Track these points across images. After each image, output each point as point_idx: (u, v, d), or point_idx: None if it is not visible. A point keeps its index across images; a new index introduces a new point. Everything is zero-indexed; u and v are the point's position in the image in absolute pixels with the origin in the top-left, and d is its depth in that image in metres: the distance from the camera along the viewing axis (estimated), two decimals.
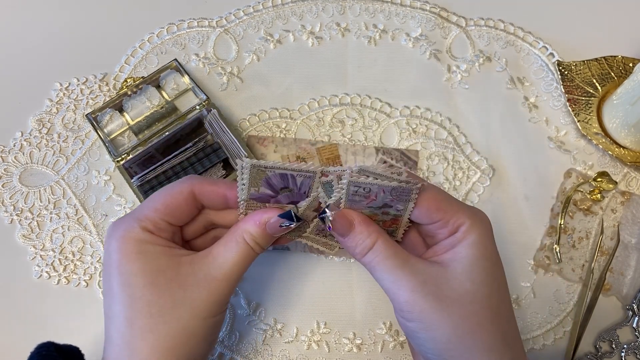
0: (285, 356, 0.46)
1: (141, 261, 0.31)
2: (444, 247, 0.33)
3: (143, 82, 0.52)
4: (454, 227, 0.32)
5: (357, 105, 0.54)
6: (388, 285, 0.32)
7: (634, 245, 0.49)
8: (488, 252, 0.32)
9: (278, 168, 0.31)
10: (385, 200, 0.32)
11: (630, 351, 0.46)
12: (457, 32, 0.57)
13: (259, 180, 0.32)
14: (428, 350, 0.31)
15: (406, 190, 0.32)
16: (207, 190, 0.33)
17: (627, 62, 0.55)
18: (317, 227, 0.36)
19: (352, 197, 0.32)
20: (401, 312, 0.31)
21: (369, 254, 0.32)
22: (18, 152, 0.52)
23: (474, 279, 0.31)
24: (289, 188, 0.33)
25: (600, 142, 0.52)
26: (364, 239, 0.32)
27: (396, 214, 0.34)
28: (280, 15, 0.57)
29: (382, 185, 0.31)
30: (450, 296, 0.30)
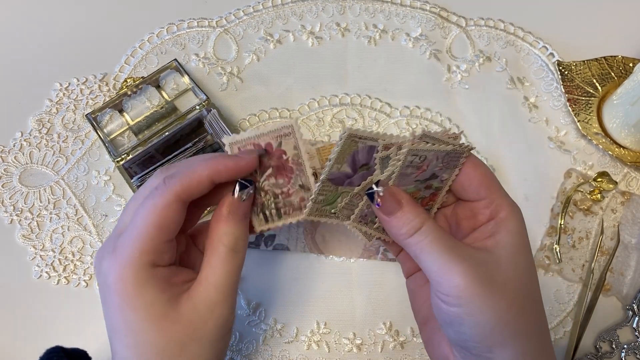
0: (285, 356, 0.46)
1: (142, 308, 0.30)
2: (484, 233, 0.33)
3: (143, 82, 0.52)
4: (496, 210, 0.32)
5: (357, 105, 0.54)
6: (436, 269, 0.30)
7: (634, 245, 0.49)
8: (526, 240, 0.33)
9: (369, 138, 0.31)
10: (434, 169, 0.32)
11: (630, 351, 0.46)
12: (457, 32, 0.57)
13: (346, 155, 0.32)
14: (469, 337, 0.31)
15: (457, 154, 0.32)
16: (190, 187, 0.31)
17: (627, 62, 0.55)
18: (360, 213, 0.35)
19: (405, 169, 0.32)
20: (446, 296, 0.30)
21: (416, 235, 0.31)
22: (18, 152, 0.52)
23: (517, 267, 0.31)
24: (368, 165, 0.33)
25: (600, 142, 0.52)
26: (412, 219, 0.31)
27: (437, 187, 0.34)
28: (280, 15, 0.57)
29: (438, 150, 0.31)
30: (498, 281, 0.30)
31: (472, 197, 0.34)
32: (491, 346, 0.30)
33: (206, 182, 0.31)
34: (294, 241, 0.49)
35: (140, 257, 0.29)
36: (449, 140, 0.32)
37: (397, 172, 0.32)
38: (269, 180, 0.34)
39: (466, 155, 0.33)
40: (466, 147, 0.32)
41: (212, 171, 0.31)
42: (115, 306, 0.30)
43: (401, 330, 0.47)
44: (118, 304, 0.30)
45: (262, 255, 0.49)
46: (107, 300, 0.30)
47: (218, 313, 0.31)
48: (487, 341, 0.30)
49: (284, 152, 0.33)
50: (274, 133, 0.32)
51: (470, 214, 0.34)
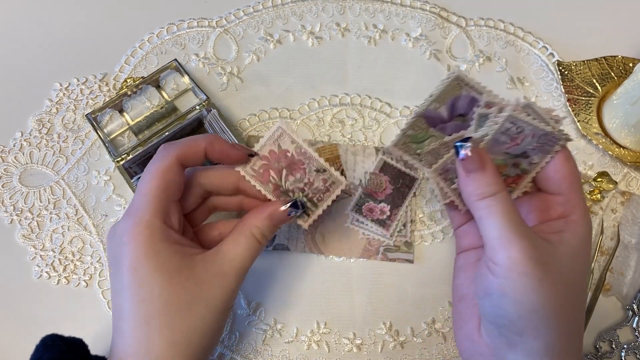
0: (285, 356, 0.46)
1: (157, 261, 0.31)
2: (552, 228, 0.33)
3: (143, 82, 0.52)
4: (569, 210, 0.33)
5: (357, 105, 0.54)
6: (496, 236, 0.30)
7: (634, 245, 0.49)
8: (587, 248, 0.33)
9: (474, 89, 0.31)
10: (527, 147, 0.32)
11: (630, 351, 0.46)
12: (457, 32, 0.57)
13: (448, 97, 0.32)
14: (505, 313, 0.30)
15: (554, 139, 0.31)
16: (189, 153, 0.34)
17: (627, 62, 0.55)
18: (443, 166, 0.34)
19: (499, 135, 0.31)
20: (496, 267, 0.30)
21: (489, 200, 0.31)
22: (18, 152, 0.52)
23: (574, 267, 0.31)
24: (464, 116, 0.32)
25: (600, 142, 0.52)
26: (489, 184, 0.31)
27: (524, 169, 0.33)
28: (280, 15, 0.57)
29: (537, 127, 0.31)
30: (552, 270, 0.30)
31: (552, 190, 0.34)
32: (523, 330, 0.30)
33: (202, 153, 0.34)
34: (294, 241, 0.49)
35: (153, 215, 0.32)
36: (551, 121, 0.31)
37: (491, 135, 0.31)
38: (289, 180, 0.37)
39: (562, 144, 0.32)
40: (565, 134, 0.32)
41: (209, 145, 0.34)
42: (127, 264, 0.31)
43: (401, 330, 0.47)
44: (131, 260, 0.31)
45: (262, 255, 0.49)
46: (119, 261, 0.32)
47: (226, 283, 0.33)
48: (522, 324, 0.30)
49: (287, 151, 0.34)
50: (269, 141, 0.34)
51: (544, 207, 0.34)
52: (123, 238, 0.32)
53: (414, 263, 0.49)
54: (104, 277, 0.48)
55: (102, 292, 0.48)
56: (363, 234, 0.48)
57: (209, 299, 0.32)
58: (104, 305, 0.48)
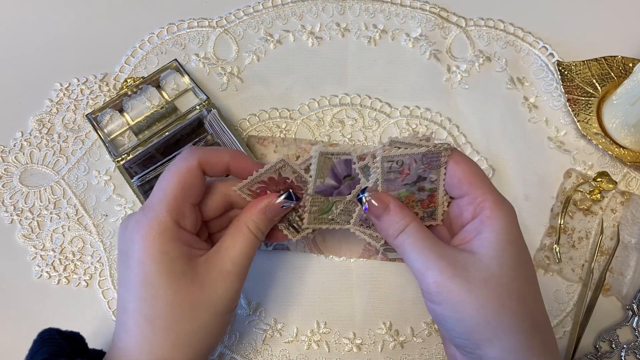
0: (285, 356, 0.46)
1: (164, 262, 0.31)
2: (470, 232, 0.33)
3: (143, 82, 0.52)
4: (479, 207, 0.33)
5: (357, 105, 0.54)
6: (417, 266, 0.32)
7: (633, 245, 0.49)
8: (514, 237, 0.33)
9: (341, 153, 0.33)
10: (418, 171, 0.33)
11: (630, 351, 0.46)
12: (457, 32, 0.57)
13: (325, 170, 0.34)
14: (457, 335, 0.31)
15: (435, 154, 0.33)
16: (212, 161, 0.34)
17: (627, 62, 0.55)
18: (359, 217, 0.37)
19: (387, 175, 0.33)
20: (429, 294, 0.31)
21: (401, 236, 0.33)
22: (18, 152, 0.52)
23: (502, 263, 0.31)
24: (351, 176, 0.34)
25: (600, 142, 0.52)
26: (397, 220, 0.33)
27: (431, 188, 0.34)
28: (280, 15, 0.58)
29: (413, 154, 0.32)
30: (477, 278, 0.31)
31: (456, 194, 0.34)
32: (478, 343, 0.31)
33: (224, 165, 0.35)
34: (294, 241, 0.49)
35: (167, 214, 0.32)
36: (421, 142, 0.33)
37: (380, 178, 0.33)
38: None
39: (447, 154, 0.33)
40: (441, 146, 0.33)
41: (232, 159, 0.35)
42: (137, 259, 0.31)
43: (401, 330, 0.47)
44: (140, 258, 0.31)
45: (262, 255, 0.49)
46: (128, 255, 0.32)
47: (229, 283, 0.33)
48: (473, 338, 0.31)
49: (287, 178, 0.36)
50: (270, 170, 0.35)
51: (458, 212, 0.35)
52: (134, 234, 0.32)
53: None
54: (104, 277, 0.48)
55: (102, 292, 0.48)
56: None
57: (212, 301, 0.32)
58: (104, 305, 0.48)
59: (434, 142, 0.33)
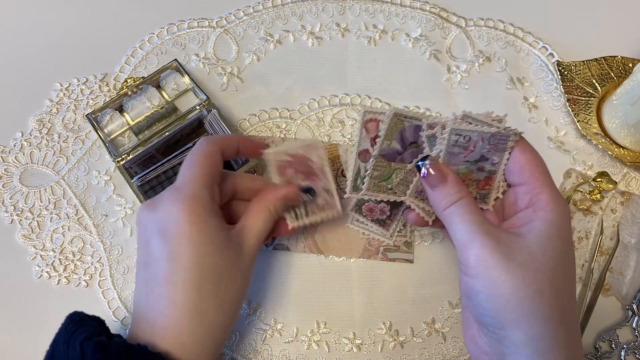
0: (285, 356, 0.46)
1: (209, 232, 0.34)
2: (521, 219, 0.34)
3: (143, 82, 0.52)
4: (535, 198, 0.33)
5: (357, 105, 0.54)
6: (461, 237, 0.32)
7: (633, 245, 0.49)
8: (563, 233, 0.33)
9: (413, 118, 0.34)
10: (482, 151, 0.33)
11: (630, 351, 0.46)
12: (457, 32, 0.57)
13: (394, 133, 0.34)
14: (485, 311, 0.31)
15: (504, 137, 0.33)
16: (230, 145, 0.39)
17: (627, 62, 0.55)
18: (416, 189, 0.37)
19: (452, 148, 0.33)
20: (467, 267, 0.32)
21: (451, 207, 0.33)
22: (18, 152, 0.52)
23: (545, 252, 0.31)
24: (417, 143, 0.35)
25: (599, 142, 0.52)
26: (452, 193, 0.33)
27: (490, 170, 0.35)
28: (280, 15, 0.58)
29: (482, 132, 0.32)
30: (518, 259, 0.31)
31: (516, 181, 0.34)
32: (505, 324, 0.31)
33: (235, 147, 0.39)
34: (294, 241, 0.49)
35: (203, 187, 0.35)
36: (493, 122, 0.33)
37: (444, 150, 0.33)
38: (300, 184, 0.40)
39: (514, 140, 0.33)
40: (512, 131, 0.33)
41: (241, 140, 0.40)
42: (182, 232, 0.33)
43: (401, 330, 0.47)
44: (186, 230, 0.33)
45: (262, 255, 0.49)
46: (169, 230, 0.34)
47: (252, 255, 0.37)
48: (501, 317, 0.31)
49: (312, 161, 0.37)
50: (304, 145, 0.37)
51: (513, 199, 0.35)
52: (173, 210, 0.34)
53: (414, 263, 0.49)
54: (104, 277, 0.48)
55: (102, 292, 0.48)
56: (363, 234, 0.48)
57: (244, 268, 0.36)
58: (104, 305, 0.48)
59: (505, 125, 0.33)
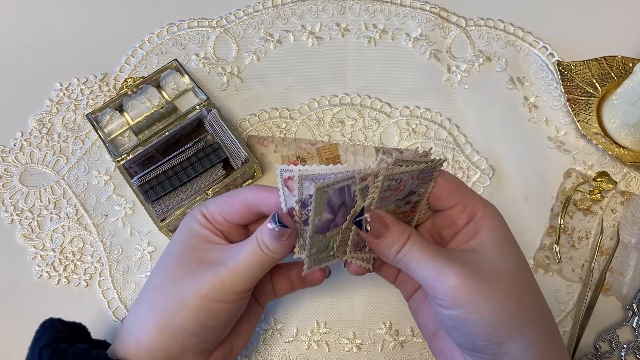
0: (285, 356, 0.46)
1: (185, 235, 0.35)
2: (466, 235, 0.34)
3: (143, 82, 0.52)
4: (472, 212, 0.33)
5: (357, 105, 0.54)
6: (428, 274, 0.31)
7: (633, 245, 0.49)
8: (508, 234, 0.33)
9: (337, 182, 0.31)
10: (411, 187, 0.33)
11: (630, 351, 0.46)
12: (457, 32, 0.57)
13: (322, 206, 0.32)
14: (476, 338, 0.31)
15: (430, 170, 0.33)
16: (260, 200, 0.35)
17: (627, 62, 0.55)
18: (353, 243, 0.35)
19: (384, 193, 0.33)
20: (444, 300, 0.31)
21: (403, 249, 0.32)
22: (18, 152, 0.52)
23: (505, 258, 0.32)
24: (345, 203, 0.33)
25: (600, 142, 0.52)
26: (399, 236, 0.33)
27: (416, 200, 0.34)
28: (280, 15, 0.58)
29: (412, 171, 0.32)
30: (490, 275, 0.31)
31: (447, 205, 0.34)
32: (500, 342, 0.30)
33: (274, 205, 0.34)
34: None
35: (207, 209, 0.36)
36: (421, 159, 0.32)
37: (376, 197, 0.33)
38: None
39: (439, 169, 0.33)
40: (437, 161, 0.33)
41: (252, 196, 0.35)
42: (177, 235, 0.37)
43: (401, 330, 0.47)
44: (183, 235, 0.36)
45: None
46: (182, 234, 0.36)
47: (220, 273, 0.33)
48: (494, 337, 0.30)
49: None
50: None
51: (450, 221, 0.35)
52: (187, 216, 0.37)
53: None
54: (104, 277, 0.48)
55: (102, 292, 0.48)
56: None
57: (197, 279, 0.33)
58: (104, 305, 0.48)
59: (431, 157, 0.33)
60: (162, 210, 0.46)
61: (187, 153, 0.48)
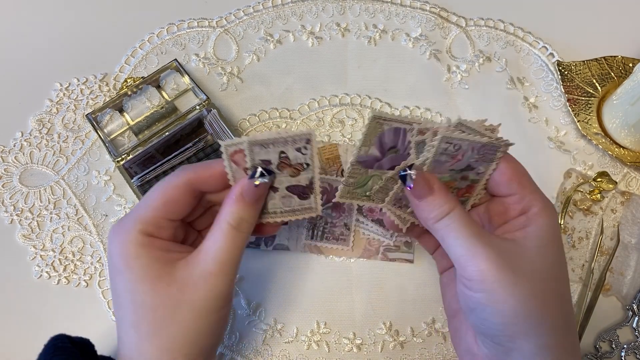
0: (285, 356, 0.46)
1: (140, 267, 0.31)
2: (515, 226, 0.33)
3: (143, 82, 0.52)
4: (527, 206, 0.33)
5: (357, 105, 0.54)
6: (461, 253, 0.31)
7: (633, 245, 0.49)
8: (557, 238, 0.33)
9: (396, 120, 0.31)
10: (469, 160, 0.32)
11: (630, 351, 0.46)
12: (457, 32, 0.57)
13: (373, 137, 0.32)
14: (491, 325, 0.31)
15: (494, 148, 0.32)
16: (203, 176, 0.33)
17: (627, 62, 0.55)
18: (394, 197, 0.35)
19: (439, 156, 0.32)
20: (470, 282, 0.31)
21: (444, 220, 0.32)
22: (18, 152, 0.52)
23: (546, 260, 0.31)
24: (396, 148, 0.33)
25: (600, 142, 0.52)
26: (441, 204, 0.32)
27: (474, 179, 0.33)
28: (280, 15, 0.58)
29: (474, 141, 0.31)
30: (523, 271, 0.30)
31: (504, 192, 0.34)
32: (513, 336, 0.30)
33: (219, 177, 0.33)
34: (294, 241, 0.49)
35: (138, 225, 0.32)
36: (485, 132, 0.32)
37: (431, 158, 0.32)
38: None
39: (503, 150, 0.33)
40: (504, 142, 0.32)
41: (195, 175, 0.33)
42: (115, 268, 0.32)
43: (401, 330, 0.47)
44: (119, 267, 0.31)
45: (262, 255, 0.49)
46: (110, 265, 0.32)
47: (212, 283, 0.32)
48: (510, 330, 0.30)
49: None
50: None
51: (502, 209, 0.34)
52: (111, 245, 0.32)
53: (414, 263, 0.49)
54: (104, 277, 0.48)
55: (102, 292, 0.48)
56: (363, 234, 0.48)
57: (193, 302, 0.31)
58: (104, 305, 0.48)
59: (497, 135, 0.32)
60: None
61: (187, 153, 0.48)
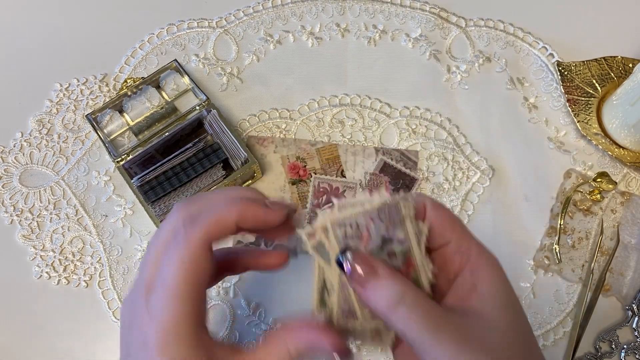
0: None
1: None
2: (463, 288, 0.29)
3: (143, 83, 0.52)
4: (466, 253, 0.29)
5: (357, 105, 0.54)
6: (426, 346, 0.26)
7: (633, 245, 0.49)
8: (509, 286, 0.29)
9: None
10: (380, 232, 0.28)
11: (630, 351, 0.46)
12: (456, 32, 0.57)
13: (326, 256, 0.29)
14: None
15: (393, 207, 0.28)
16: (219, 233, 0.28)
17: (627, 62, 0.55)
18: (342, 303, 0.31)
19: (348, 243, 0.28)
20: None
21: (402, 312, 0.27)
22: (18, 153, 0.52)
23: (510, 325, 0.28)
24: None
25: (600, 142, 0.52)
26: (390, 287, 0.27)
27: (403, 250, 0.29)
28: (280, 15, 0.58)
29: (365, 211, 0.28)
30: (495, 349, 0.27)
31: (439, 243, 0.30)
32: None
33: (232, 227, 0.29)
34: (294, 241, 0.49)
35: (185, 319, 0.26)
36: (372, 198, 0.28)
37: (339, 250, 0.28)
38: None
39: (408, 205, 0.28)
40: (397, 197, 0.28)
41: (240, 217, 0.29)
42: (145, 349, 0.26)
43: None
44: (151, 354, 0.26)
45: None
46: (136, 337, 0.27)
47: None
48: None
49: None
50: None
51: (443, 262, 0.30)
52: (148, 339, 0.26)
53: None
54: (104, 277, 0.48)
55: (102, 293, 0.48)
56: None
57: None
58: (104, 305, 0.48)
59: (388, 195, 0.28)
60: (162, 211, 0.46)
61: (187, 153, 0.48)
